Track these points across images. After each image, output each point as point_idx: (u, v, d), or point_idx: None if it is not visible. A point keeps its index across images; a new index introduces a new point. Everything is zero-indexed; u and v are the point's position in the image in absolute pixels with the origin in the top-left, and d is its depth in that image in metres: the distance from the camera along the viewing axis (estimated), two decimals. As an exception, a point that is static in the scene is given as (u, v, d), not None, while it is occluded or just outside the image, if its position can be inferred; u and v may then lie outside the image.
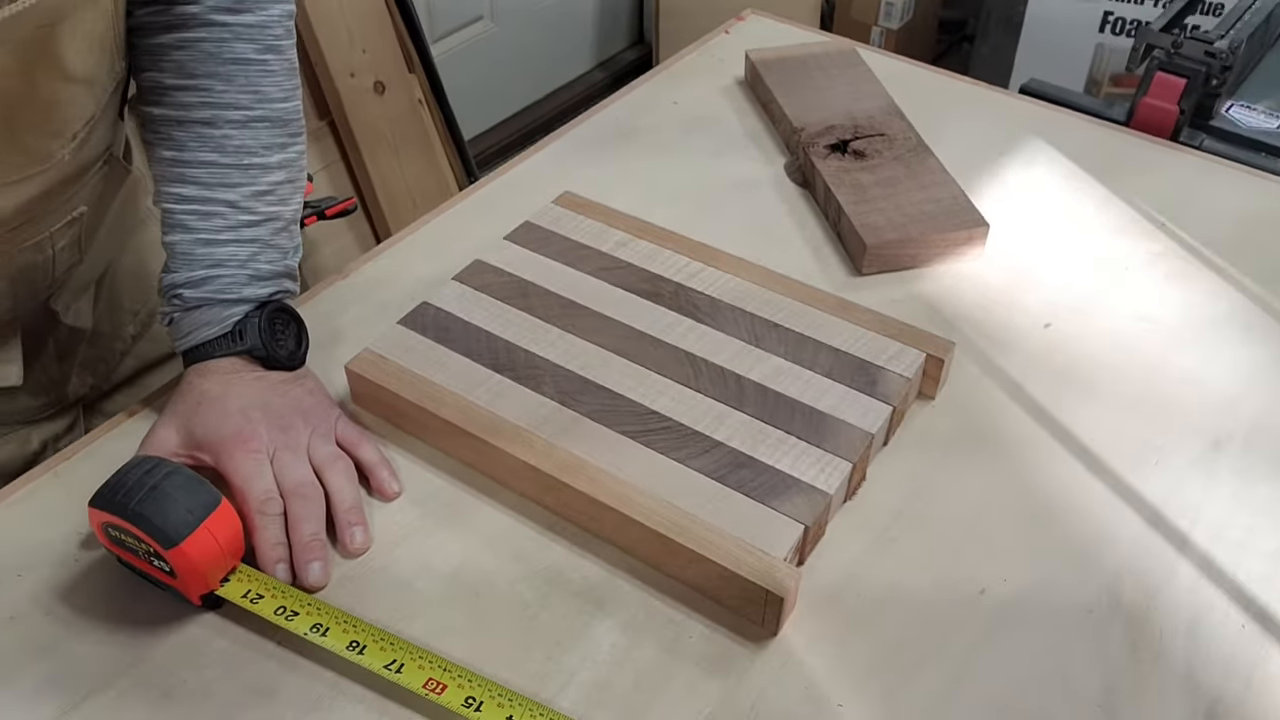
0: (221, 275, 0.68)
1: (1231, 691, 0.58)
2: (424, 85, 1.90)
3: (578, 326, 0.74)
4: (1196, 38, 1.19)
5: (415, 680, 0.55)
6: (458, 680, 0.55)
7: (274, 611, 0.58)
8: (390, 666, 0.56)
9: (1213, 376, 0.76)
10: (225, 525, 0.59)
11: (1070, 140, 1.00)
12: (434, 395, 0.69)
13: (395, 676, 0.56)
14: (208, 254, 0.68)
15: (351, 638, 0.57)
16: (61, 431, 0.85)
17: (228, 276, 0.68)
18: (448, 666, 0.56)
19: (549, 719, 0.54)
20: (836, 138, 0.95)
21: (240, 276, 0.69)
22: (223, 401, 0.66)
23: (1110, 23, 2.14)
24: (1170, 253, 0.87)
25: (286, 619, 0.58)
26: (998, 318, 0.81)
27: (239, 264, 0.69)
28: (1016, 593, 0.63)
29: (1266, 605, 0.62)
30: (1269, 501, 0.68)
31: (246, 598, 0.59)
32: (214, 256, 0.68)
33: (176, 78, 0.67)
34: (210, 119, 0.68)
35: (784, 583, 0.58)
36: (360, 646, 0.57)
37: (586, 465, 0.65)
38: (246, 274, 0.69)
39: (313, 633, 0.57)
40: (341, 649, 0.57)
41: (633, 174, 0.96)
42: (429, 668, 0.56)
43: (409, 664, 0.56)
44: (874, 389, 0.70)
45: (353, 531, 0.64)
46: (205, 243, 0.68)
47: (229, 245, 0.68)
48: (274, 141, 0.70)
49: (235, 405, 0.66)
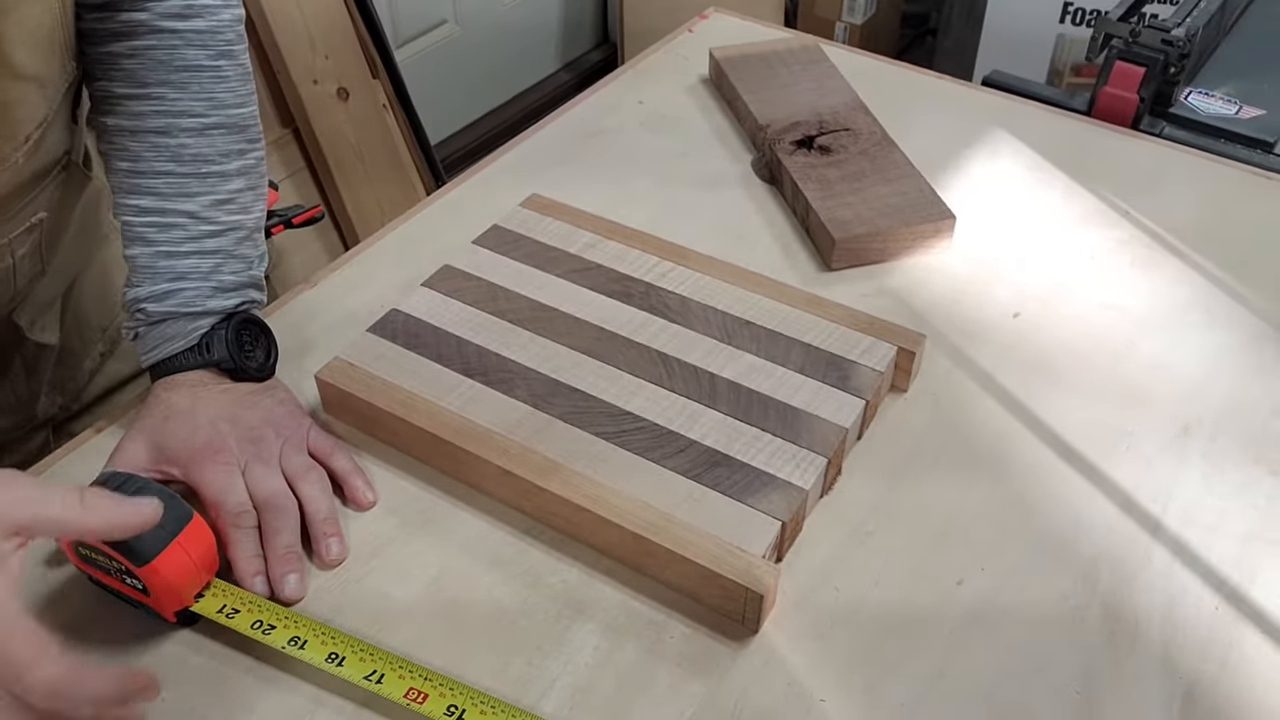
0: (185, 288, 0.67)
1: (1208, 673, 0.59)
2: (388, 90, 1.89)
3: (549, 329, 0.74)
4: (1154, 26, 1.21)
5: (396, 691, 0.55)
6: (439, 689, 0.55)
7: (250, 626, 0.58)
8: (370, 678, 0.56)
9: (1180, 362, 0.77)
10: (198, 540, 0.58)
11: (1033, 131, 1.01)
12: (406, 402, 0.68)
13: (376, 688, 0.55)
14: (169, 267, 0.67)
15: (330, 649, 0.57)
16: (33, 454, 0.84)
17: (191, 289, 0.67)
18: (429, 675, 0.56)
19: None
20: (802, 134, 0.95)
21: (204, 289, 0.68)
22: (191, 415, 0.65)
23: (1070, 13, 2.16)
24: (1134, 240, 0.88)
25: (263, 633, 0.57)
26: (967, 309, 0.82)
27: (202, 276, 0.68)
28: (994, 583, 0.63)
29: (1238, 587, 0.63)
30: (1239, 484, 0.69)
31: (222, 613, 0.59)
32: (176, 269, 0.67)
33: (128, 86, 0.66)
34: (165, 128, 0.67)
35: (763, 580, 0.58)
36: (339, 658, 0.56)
37: (561, 468, 0.64)
38: (210, 286, 0.68)
39: (290, 646, 0.57)
40: (320, 661, 0.56)
41: (600, 175, 0.96)
42: (409, 677, 0.56)
43: (389, 674, 0.56)
44: (846, 383, 0.70)
45: (328, 543, 0.63)
46: (166, 255, 0.67)
47: (190, 257, 0.67)
48: (232, 148, 0.69)
49: (204, 418, 0.65)
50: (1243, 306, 0.82)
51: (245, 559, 0.61)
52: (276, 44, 1.69)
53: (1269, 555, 0.64)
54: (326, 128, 1.78)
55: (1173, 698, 0.57)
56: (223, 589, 0.60)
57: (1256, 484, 0.69)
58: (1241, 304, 0.82)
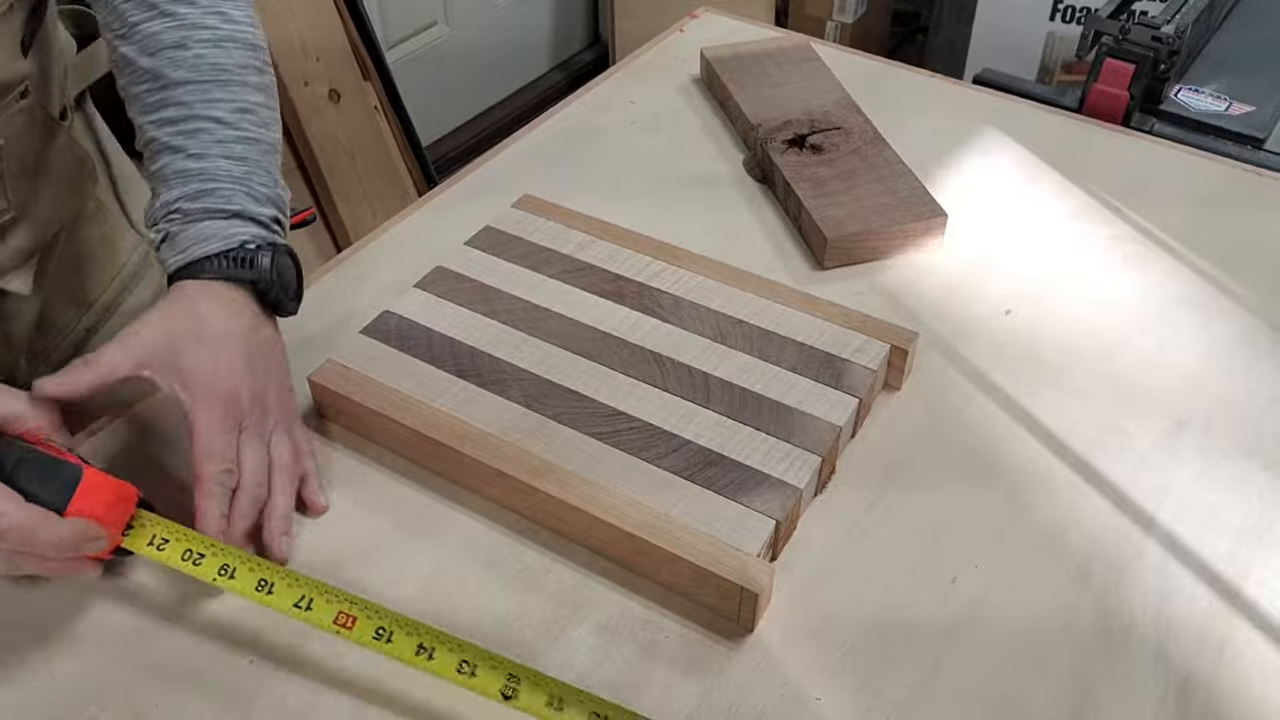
0: (219, 188, 0.66)
1: (1202, 668, 0.59)
2: (379, 92, 1.89)
3: (542, 330, 0.74)
4: (1144, 23, 1.21)
5: (325, 617, 0.55)
6: (366, 613, 0.55)
7: (181, 557, 0.57)
8: (300, 604, 0.55)
9: (1172, 358, 0.77)
10: (96, 498, 0.57)
11: (1024, 128, 1.01)
12: (399, 404, 0.68)
13: (305, 615, 0.55)
14: (200, 169, 0.66)
15: (259, 576, 0.56)
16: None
17: (226, 189, 0.66)
18: (354, 600, 0.56)
19: (455, 645, 0.54)
20: (794, 133, 0.95)
21: (238, 191, 0.66)
22: (222, 346, 0.63)
23: (1060, 11, 2.16)
24: (1126, 237, 0.88)
25: (194, 564, 0.57)
26: (959, 307, 0.82)
27: (234, 180, 0.66)
28: (988, 580, 0.63)
29: (1232, 581, 0.63)
30: (1231, 479, 0.69)
31: (152, 545, 0.58)
32: (207, 171, 0.66)
33: (140, 10, 0.67)
34: (180, 41, 0.67)
35: (758, 579, 0.58)
36: (269, 585, 0.56)
37: (555, 468, 0.64)
38: (243, 190, 0.66)
39: (221, 576, 0.56)
40: (250, 590, 0.56)
41: (592, 175, 0.96)
42: (337, 602, 0.55)
43: (318, 599, 0.55)
44: (840, 382, 0.70)
45: (282, 540, 0.63)
46: (196, 158, 0.66)
47: (220, 160, 0.66)
48: (249, 63, 0.70)
49: (233, 358, 0.63)
50: (1234, 302, 0.82)
51: (213, 517, 0.60)
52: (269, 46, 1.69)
53: (1262, 550, 0.65)
54: (318, 130, 1.78)
55: (1167, 693, 0.58)
56: (149, 520, 0.59)
57: (1249, 479, 0.69)
58: (1233, 299, 0.82)
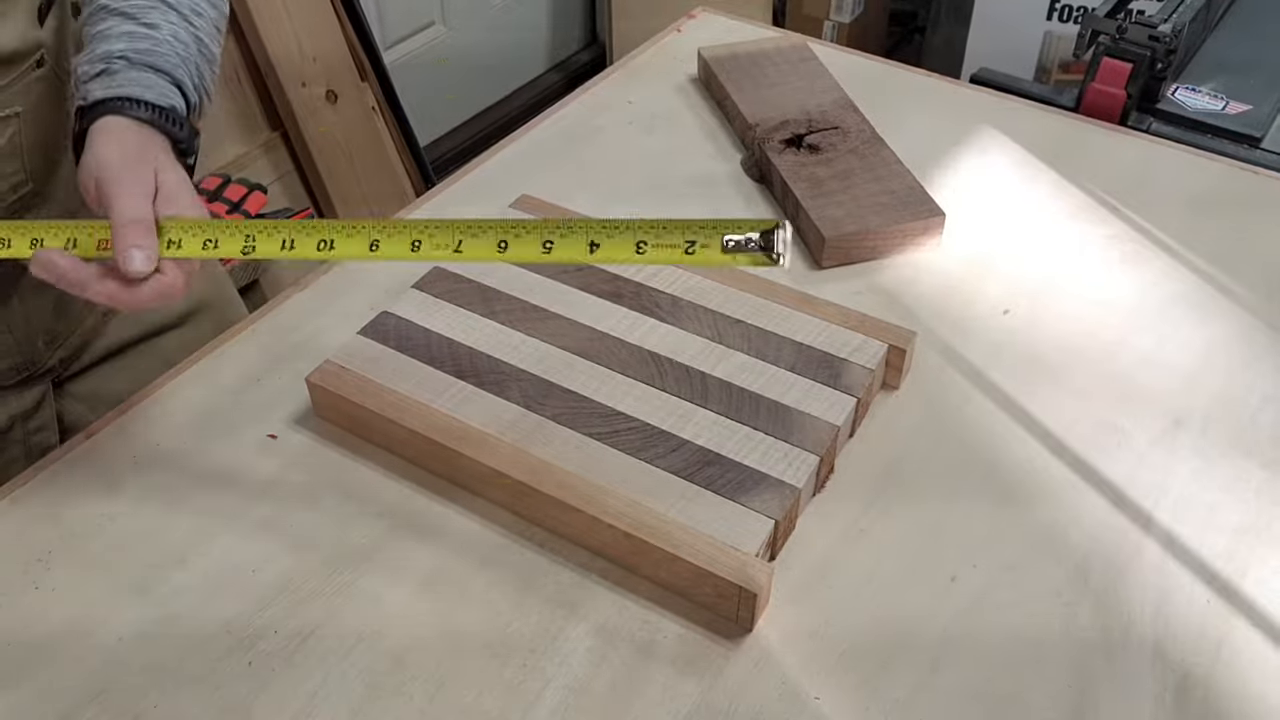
0: (164, 53, 0.67)
1: (1200, 667, 0.59)
2: (377, 93, 1.89)
3: (540, 330, 0.74)
4: (1141, 22, 1.21)
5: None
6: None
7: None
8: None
9: (1170, 356, 0.78)
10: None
11: (1022, 128, 1.01)
12: (398, 405, 0.68)
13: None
14: (149, 34, 0.67)
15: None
16: (30, 407, 0.84)
17: (170, 56, 0.67)
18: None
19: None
20: (791, 132, 0.95)
21: (180, 66, 0.67)
22: (174, 170, 0.64)
23: (1057, 10, 2.16)
24: (1123, 235, 0.88)
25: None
26: (957, 306, 0.82)
27: (180, 58, 0.68)
28: (986, 579, 0.63)
29: (1230, 580, 0.63)
30: (1229, 478, 0.69)
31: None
32: (156, 39, 0.67)
33: None
34: None
35: (757, 579, 0.58)
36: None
37: (554, 469, 0.64)
38: (185, 68, 0.68)
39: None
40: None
41: (590, 174, 0.96)
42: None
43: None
44: (838, 381, 0.70)
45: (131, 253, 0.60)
46: (150, 26, 0.67)
47: (169, 38, 0.68)
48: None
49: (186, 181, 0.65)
50: (1231, 301, 0.82)
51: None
52: (265, 47, 1.69)
53: (1260, 549, 0.65)
54: (315, 131, 1.78)
55: (1165, 691, 0.58)
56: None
57: (1247, 477, 0.69)
58: (1230, 298, 0.82)
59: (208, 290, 0.95)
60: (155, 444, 0.71)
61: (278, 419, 0.73)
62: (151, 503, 0.67)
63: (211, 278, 0.97)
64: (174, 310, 0.91)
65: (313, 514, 0.67)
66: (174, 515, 0.67)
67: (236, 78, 1.71)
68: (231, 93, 1.71)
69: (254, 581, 0.63)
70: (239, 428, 0.72)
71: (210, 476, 0.69)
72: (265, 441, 0.72)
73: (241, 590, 0.62)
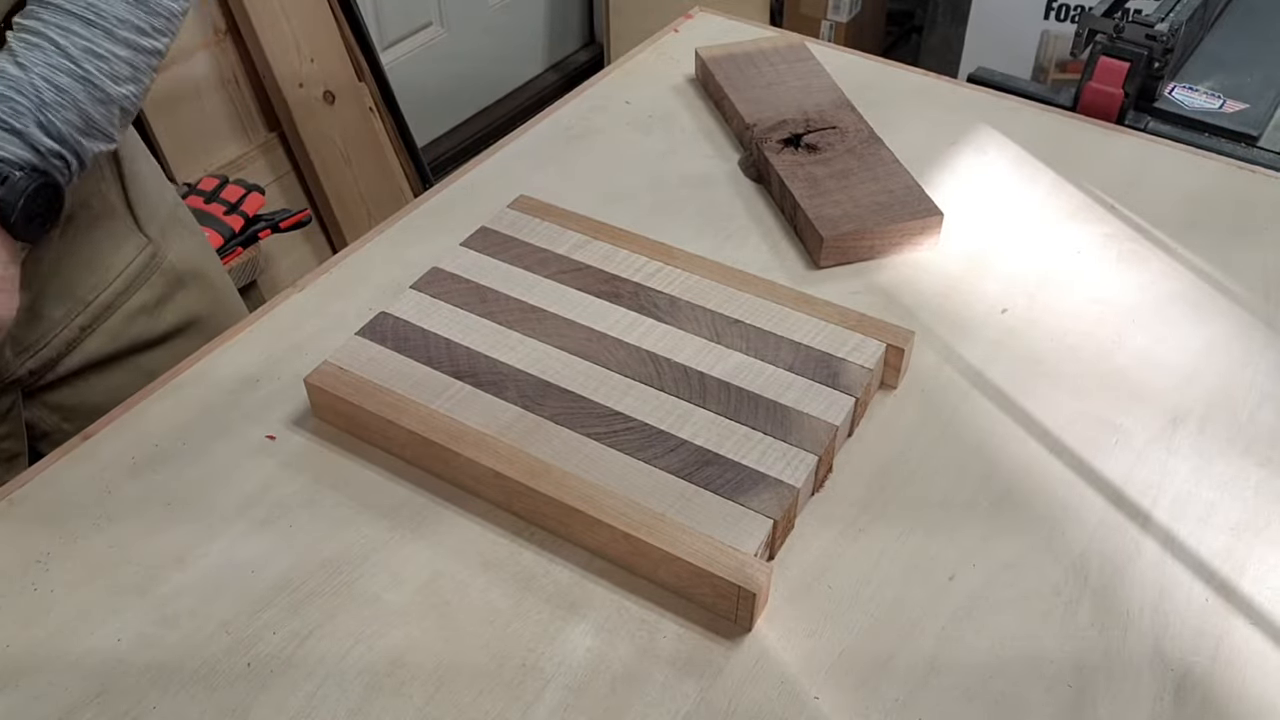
0: (16, 102, 0.66)
1: (1199, 665, 0.59)
2: (374, 93, 1.89)
3: (538, 330, 0.74)
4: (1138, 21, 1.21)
5: None
6: None
7: None
8: None
9: (1167, 355, 0.78)
10: None
11: (1019, 127, 1.01)
12: (396, 405, 0.68)
13: None
14: (15, 77, 0.66)
15: None
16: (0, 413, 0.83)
17: (20, 106, 0.66)
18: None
19: None
20: (789, 132, 0.95)
21: (32, 113, 0.66)
22: None
23: (1054, 9, 2.17)
24: (1121, 234, 0.88)
25: None
26: (955, 305, 0.82)
27: (38, 104, 0.66)
28: (985, 577, 0.63)
29: (1228, 579, 0.63)
30: (1227, 476, 0.69)
31: None
32: (17, 82, 0.66)
33: None
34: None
35: (755, 578, 0.58)
36: None
37: (552, 469, 0.64)
38: (39, 116, 0.66)
39: None
40: None
41: (588, 175, 0.96)
42: None
43: None
44: (836, 381, 0.70)
45: None
46: (18, 65, 0.66)
47: (39, 80, 0.66)
48: (128, 18, 0.69)
49: None
50: (1229, 299, 0.82)
51: None
52: (262, 48, 1.69)
53: (1258, 547, 0.65)
54: (313, 131, 1.78)
55: (1164, 690, 0.58)
56: None
57: (1245, 475, 0.69)
58: (1227, 297, 0.82)
59: (201, 305, 0.94)
60: (154, 445, 0.71)
61: (276, 420, 0.73)
62: (150, 503, 0.67)
63: (210, 291, 0.95)
64: (158, 327, 0.90)
65: (311, 515, 0.67)
66: (172, 516, 0.67)
67: (234, 79, 1.71)
68: (229, 94, 1.71)
69: (253, 582, 0.63)
70: (237, 428, 0.72)
71: (209, 477, 0.69)
72: (264, 442, 0.72)
73: (240, 591, 0.62)
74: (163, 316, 0.90)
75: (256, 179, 1.68)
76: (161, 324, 0.90)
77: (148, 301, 0.89)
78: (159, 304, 0.89)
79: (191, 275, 0.92)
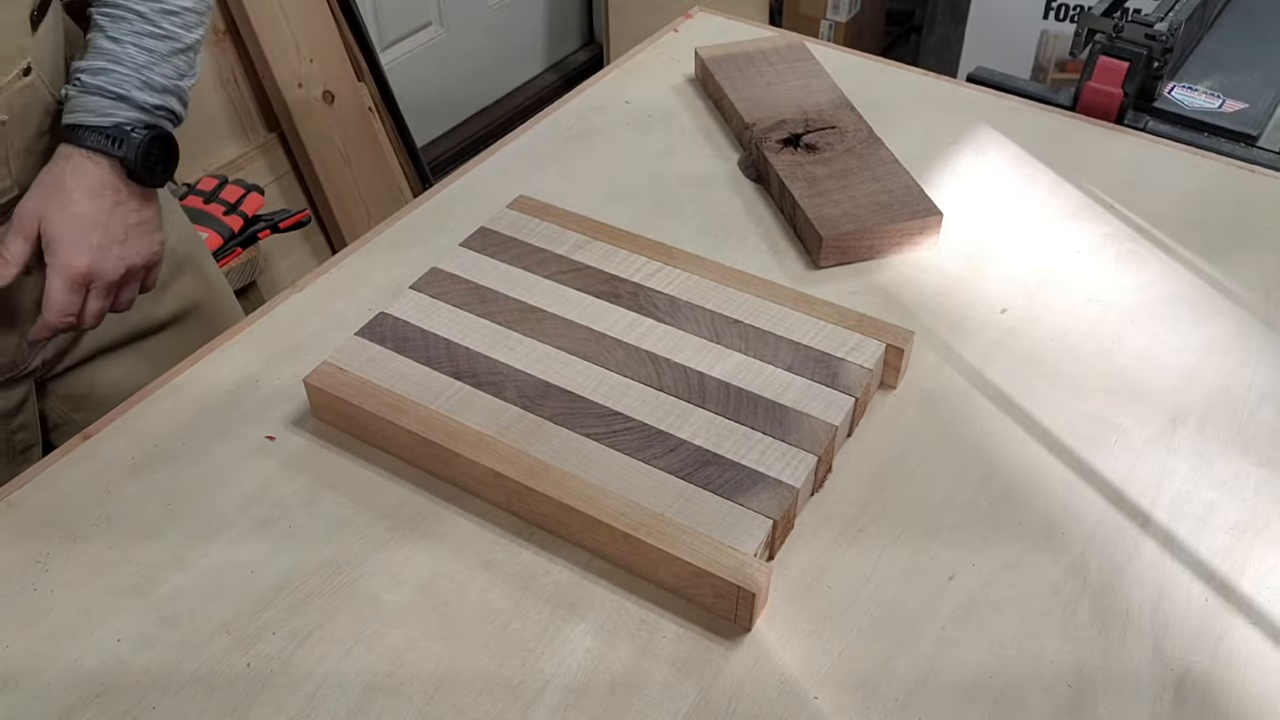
0: (117, 71, 0.76)
1: (1198, 665, 0.59)
2: (374, 93, 1.89)
3: (537, 331, 0.74)
4: (1137, 21, 1.21)
5: None
6: None
7: None
8: None
9: (1166, 355, 0.78)
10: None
11: (1018, 126, 1.01)
12: (395, 405, 0.68)
13: None
14: (110, 49, 0.76)
15: None
16: (13, 407, 0.85)
17: (122, 74, 0.76)
18: None
19: None
20: (788, 132, 0.95)
21: (134, 79, 0.76)
22: (83, 223, 0.75)
23: (1054, 9, 2.16)
24: (1120, 234, 0.88)
25: None
26: (955, 305, 0.82)
27: (134, 67, 0.76)
28: (985, 577, 0.63)
29: (1228, 578, 0.63)
30: (1227, 476, 0.69)
31: None
32: (115, 54, 0.76)
33: None
34: None
35: (755, 578, 0.58)
36: None
37: (552, 469, 0.64)
38: (139, 78, 0.76)
39: None
40: None
41: (587, 175, 0.96)
42: None
43: None
44: (836, 381, 0.70)
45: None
46: (111, 39, 0.76)
47: (130, 48, 0.76)
48: None
49: (87, 236, 0.75)
50: (1228, 299, 0.82)
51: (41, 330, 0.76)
52: (261, 48, 1.68)
53: (1258, 546, 0.65)
54: (312, 131, 1.78)
55: (1163, 689, 0.58)
56: None
57: (1244, 475, 0.69)
58: (1226, 296, 0.82)
59: (198, 292, 0.96)
60: (153, 445, 0.71)
61: (276, 420, 0.73)
62: (150, 504, 0.67)
63: (203, 279, 0.97)
64: (160, 313, 0.92)
65: (311, 515, 0.67)
66: (172, 516, 0.67)
67: (234, 78, 1.71)
68: (228, 94, 1.71)
69: (252, 582, 0.63)
70: (237, 429, 0.72)
71: (208, 478, 0.69)
72: (263, 442, 0.71)
73: (240, 591, 0.62)
74: (164, 303, 0.92)
75: (256, 179, 1.68)
76: (163, 310, 0.93)
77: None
78: (160, 289, 0.91)
79: (188, 261, 0.95)
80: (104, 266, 0.76)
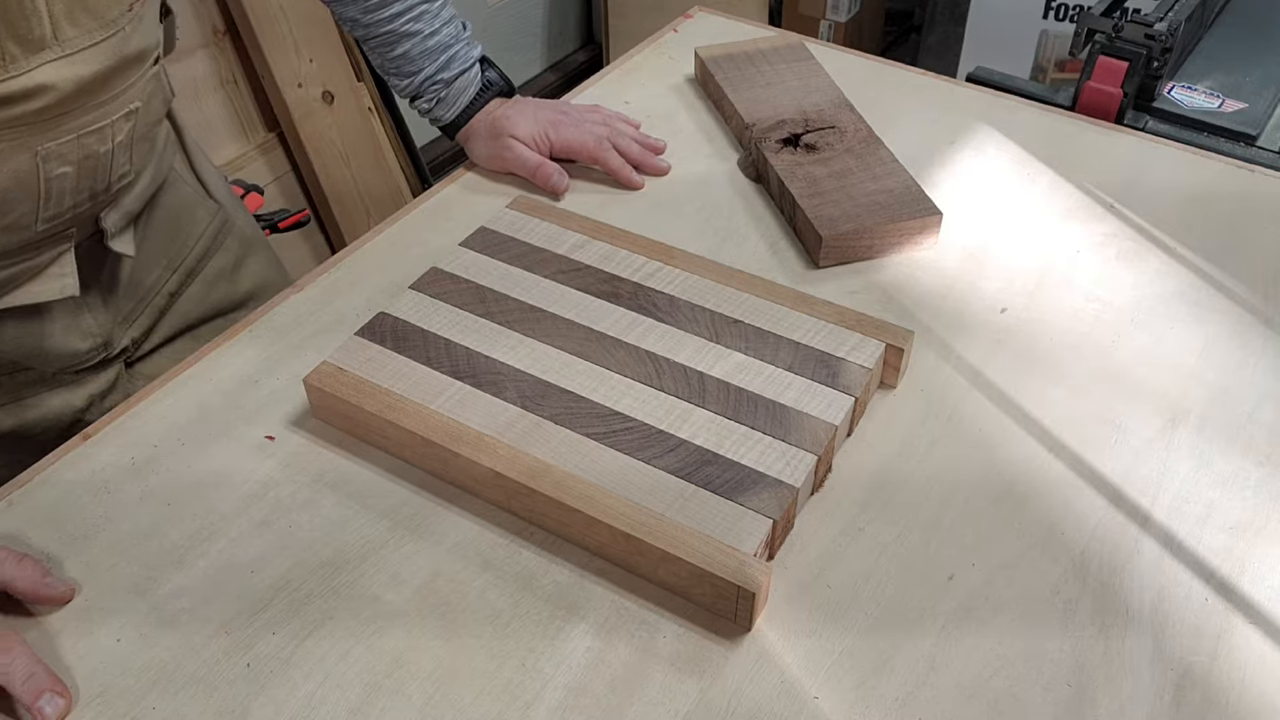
0: (456, 52, 0.92)
1: (1198, 664, 0.59)
2: (373, 93, 1.89)
3: (537, 331, 0.74)
4: (1137, 20, 1.21)
5: None
6: None
7: None
8: None
9: (1166, 354, 0.78)
10: None
11: (1018, 126, 1.01)
12: (395, 405, 0.68)
13: None
14: (437, 43, 0.91)
15: None
16: (105, 389, 0.85)
17: (459, 50, 0.93)
18: None
19: None
20: (788, 132, 0.95)
21: (464, 49, 0.93)
22: (540, 113, 0.95)
23: (1053, 9, 2.17)
24: (1119, 234, 0.89)
25: None
26: (954, 305, 0.82)
27: (458, 40, 0.92)
28: (985, 576, 0.63)
29: (1228, 578, 0.63)
30: (1226, 475, 0.69)
31: None
32: (442, 43, 0.92)
33: None
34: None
35: (755, 578, 0.58)
36: None
37: (552, 469, 0.64)
38: (464, 43, 0.93)
39: None
40: None
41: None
42: None
43: None
44: (835, 381, 0.70)
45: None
46: (430, 35, 0.91)
47: (444, 29, 0.92)
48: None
49: (552, 111, 0.95)
50: (1227, 298, 0.82)
51: (618, 165, 0.93)
52: (261, 49, 1.69)
53: (1258, 546, 0.65)
54: (312, 131, 1.78)
55: (1164, 689, 0.58)
56: None
57: (1244, 475, 0.69)
58: (1226, 295, 0.82)
59: (269, 272, 1.00)
60: (153, 445, 0.71)
61: (275, 420, 0.73)
62: (149, 504, 0.67)
63: (270, 258, 1.01)
64: (238, 291, 0.96)
65: (310, 515, 0.67)
66: (172, 516, 0.67)
67: (233, 79, 1.71)
68: (228, 94, 1.71)
69: (252, 582, 0.63)
70: (236, 429, 0.72)
71: (208, 478, 0.69)
72: (263, 443, 0.72)
73: (239, 591, 0.62)
74: (239, 281, 0.96)
75: (255, 179, 1.68)
76: (240, 288, 0.96)
77: (225, 266, 0.95)
78: (235, 268, 0.95)
79: (256, 241, 0.99)
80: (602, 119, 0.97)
